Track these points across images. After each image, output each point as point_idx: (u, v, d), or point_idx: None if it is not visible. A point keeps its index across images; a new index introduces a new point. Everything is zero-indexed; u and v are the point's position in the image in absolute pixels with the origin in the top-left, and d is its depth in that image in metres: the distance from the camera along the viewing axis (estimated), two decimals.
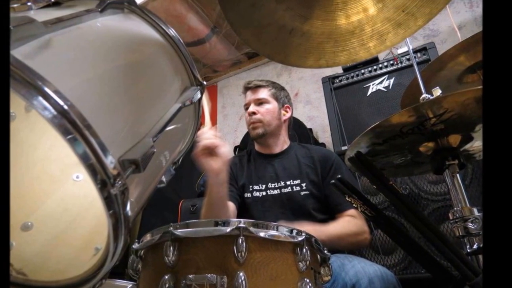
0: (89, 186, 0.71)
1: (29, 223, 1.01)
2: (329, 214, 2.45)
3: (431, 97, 1.66)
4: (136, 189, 0.89)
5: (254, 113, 2.77)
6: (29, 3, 0.84)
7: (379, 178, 1.52)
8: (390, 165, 1.87)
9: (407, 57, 3.57)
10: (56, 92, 0.62)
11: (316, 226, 2.16)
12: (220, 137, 1.93)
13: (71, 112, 0.63)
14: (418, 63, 3.21)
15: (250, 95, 2.88)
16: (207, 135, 1.88)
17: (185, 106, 1.07)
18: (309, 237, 1.22)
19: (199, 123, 1.31)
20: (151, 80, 1.02)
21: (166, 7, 4.50)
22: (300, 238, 1.17)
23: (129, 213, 0.76)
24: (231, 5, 1.60)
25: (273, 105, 2.81)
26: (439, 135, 1.57)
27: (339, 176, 1.59)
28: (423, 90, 2.08)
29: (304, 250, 1.16)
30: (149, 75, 1.02)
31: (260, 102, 2.81)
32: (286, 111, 2.92)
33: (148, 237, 1.22)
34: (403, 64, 3.59)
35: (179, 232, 1.12)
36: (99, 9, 0.91)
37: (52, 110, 0.61)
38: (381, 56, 3.77)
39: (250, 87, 2.91)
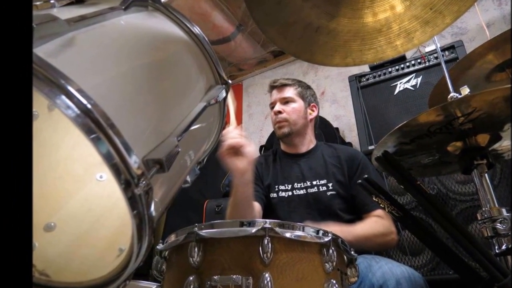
0: (113, 186, 0.71)
1: (52, 224, 1.01)
2: (356, 214, 2.43)
3: (459, 96, 1.66)
4: (160, 189, 0.89)
5: (280, 112, 2.76)
6: (52, 1, 0.85)
7: (407, 178, 1.52)
8: (418, 165, 1.86)
9: (435, 55, 3.53)
10: (80, 90, 0.62)
11: (342, 227, 2.15)
12: (245, 137, 1.92)
13: (95, 111, 0.63)
14: (446, 62, 3.22)
15: (276, 94, 2.87)
16: (232, 134, 1.88)
17: (210, 105, 1.06)
18: (335, 238, 1.20)
19: (224, 122, 1.31)
20: (176, 79, 1.02)
21: (191, 5, 4.50)
22: (326, 239, 1.16)
23: (153, 214, 0.76)
24: (257, 3, 1.60)
25: (299, 104, 2.80)
26: (467, 135, 1.56)
27: (366, 176, 1.59)
28: (451, 89, 2.08)
29: (331, 251, 1.15)
30: (173, 73, 1.01)
31: (286, 101, 2.80)
32: (312, 110, 2.91)
33: (172, 237, 1.22)
34: (431, 63, 3.55)
35: (204, 232, 1.11)
36: (123, 7, 0.91)
37: (76, 109, 0.61)
38: (409, 55, 3.70)
39: (276, 86, 2.90)
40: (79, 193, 1.10)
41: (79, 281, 0.87)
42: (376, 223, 2.30)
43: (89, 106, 0.62)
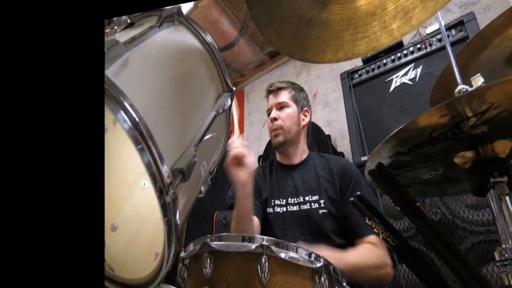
0: (151, 193, 0.81)
1: (115, 224, 1.13)
2: (348, 238, 2.36)
3: (470, 89, 1.49)
4: (182, 198, 1.00)
5: (275, 119, 2.73)
6: (115, 27, 0.97)
7: (404, 198, 1.31)
8: (417, 181, 1.60)
9: (438, 36, 3.16)
10: (131, 105, 0.74)
11: (334, 252, 2.08)
12: (246, 146, 1.97)
13: (141, 124, 0.74)
14: (453, 44, 2.92)
15: (272, 99, 2.84)
16: (235, 144, 1.93)
17: (219, 114, 1.17)
18: (327, 264, 1.22)
19: (229, 132, 1.40)
20: (194, 91, 1.14)
21: (204, 14, 4.74)
22: (318, 264, 1.19)
23: (178, 221, 0.86)
24: (256, 2, 1.64)
25: (292, 109, 2.78)
26: (481, 141, 1.30)
27: (359, 193, 1.48)
28: (459, 80, 1.76)
29: (323, 279, 1.17)
30: (191, 86, 1.13)
31: (281, 106, 2.77)
32: (305, 115, 2.87)
33: (191, 246, 1.30)
34: (433, 47, 3.17)
35: (214, 244, 1.19)
36: (158, 25, 1.05)
37: (129, 122, 0.73)
38: (406, 40, 3.43)
39: (272, 90, 2.87)
40: (131, 199, 1.21)
41: (131, 278, 0.99)
42: (369, 252, 2.20)
43: (137, 119, 0.74)
